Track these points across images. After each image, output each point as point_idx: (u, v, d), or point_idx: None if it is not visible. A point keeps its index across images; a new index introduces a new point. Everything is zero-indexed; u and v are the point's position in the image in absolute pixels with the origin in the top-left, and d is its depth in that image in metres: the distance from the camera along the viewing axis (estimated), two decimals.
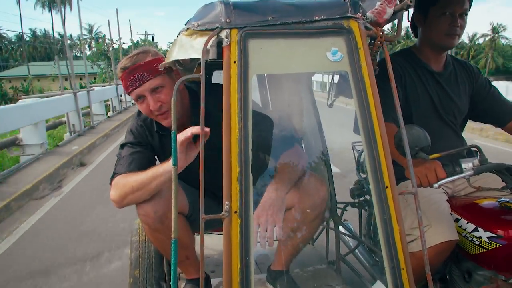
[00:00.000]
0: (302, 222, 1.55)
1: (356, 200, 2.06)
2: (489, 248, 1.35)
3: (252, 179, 1.03)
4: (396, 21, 1.28)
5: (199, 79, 1.04)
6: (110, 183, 1.50)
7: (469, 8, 1.65)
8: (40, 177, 5.58)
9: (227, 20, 1.08)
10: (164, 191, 1.45)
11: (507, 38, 47.18)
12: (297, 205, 1.53)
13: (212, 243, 2.20)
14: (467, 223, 1.44)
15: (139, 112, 1.67)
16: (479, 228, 1.39)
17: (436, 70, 1.72)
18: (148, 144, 1.64)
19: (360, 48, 1.11)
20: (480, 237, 1.38)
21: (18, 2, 44.32)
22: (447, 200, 1.59)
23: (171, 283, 1.01)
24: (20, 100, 7.64)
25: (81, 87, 14.26)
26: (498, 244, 1.33)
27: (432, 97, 1.69)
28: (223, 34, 1.07)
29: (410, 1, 1.14)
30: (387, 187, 1.07)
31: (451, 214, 1.52)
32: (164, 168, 1.37)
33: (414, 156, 1.26)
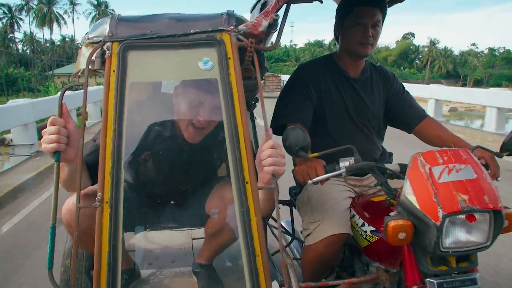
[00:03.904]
0: (225, 224, 1.68)
1: (289, 199, 2.17)
2: (371, 241, 1.46)
3: None
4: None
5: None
6: None
7: (383, 20, 1.73)
8: None
9: (109, 34, 1.23)
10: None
11: (441, 49, 61.00)
12: (221, 209, 1.66)
13: (156, 238, 2.35)
14: (359, 218, 1.54)
15: None
16: (365, 223, 1.50)
17: (353, 76, 1.81)
18: None
19: (230, 58, 1.25)
20: (366, 231, 1.48)
21: (73, 21, 60.50)
22: (351, 197, 1.69)
23: (47, 267, 1.17)
24: None
25: None
26: (377, 237, 1.43)
27: (346, 101, 1.79)
28: (105, 46, 1.23)
29: (275, 15, 1.27)
30: (247, 182, 1.20)
31: (351, 211, 1.63)
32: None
33: (296, 155, 1.38)
